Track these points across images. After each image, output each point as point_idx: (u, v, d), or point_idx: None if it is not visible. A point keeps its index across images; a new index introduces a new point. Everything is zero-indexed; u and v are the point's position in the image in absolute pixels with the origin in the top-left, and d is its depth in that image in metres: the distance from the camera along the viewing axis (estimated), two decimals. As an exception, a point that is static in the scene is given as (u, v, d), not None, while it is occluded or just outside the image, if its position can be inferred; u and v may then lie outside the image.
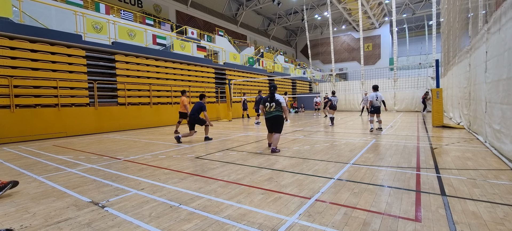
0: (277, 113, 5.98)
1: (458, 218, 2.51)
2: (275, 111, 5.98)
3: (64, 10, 11.35)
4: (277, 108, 5.98)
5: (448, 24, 14.49)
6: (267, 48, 36.00)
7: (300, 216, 2.60)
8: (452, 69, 13.37)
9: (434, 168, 4.31)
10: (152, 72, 13.46)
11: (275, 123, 5.99)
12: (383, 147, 6.25)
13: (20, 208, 2.99)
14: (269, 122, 6.08)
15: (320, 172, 4.18)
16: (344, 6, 31.34)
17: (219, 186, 3.61)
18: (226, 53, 20.13)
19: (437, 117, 10.03)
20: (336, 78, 31.04)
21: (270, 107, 6.02)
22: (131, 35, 13.04)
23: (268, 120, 6.09)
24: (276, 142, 5.91)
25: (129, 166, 4.93)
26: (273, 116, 5.99)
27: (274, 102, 5.96)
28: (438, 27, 25.61)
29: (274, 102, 5.96)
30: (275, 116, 5.98)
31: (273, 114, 5.99)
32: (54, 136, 9.54)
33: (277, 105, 5.96)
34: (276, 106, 5.96)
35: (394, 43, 22.61)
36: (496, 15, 5.12)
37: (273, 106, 5.98)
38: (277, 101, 5.95)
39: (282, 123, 6.03)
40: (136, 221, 2.58)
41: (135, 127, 12.24)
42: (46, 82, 9.55)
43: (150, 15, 21.75)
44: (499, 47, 4.95)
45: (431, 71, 19.24)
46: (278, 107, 5.97)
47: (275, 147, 5.89)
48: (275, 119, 5.98)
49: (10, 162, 5.50)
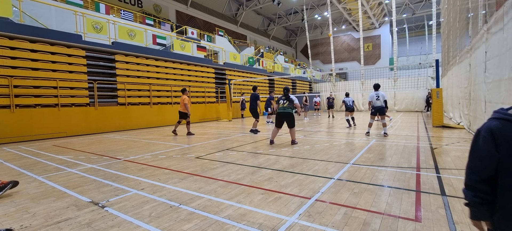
0: (289, 110, 6.89)
1: (458, 218, 2.51)
2: (288, 108, 6.88)
3: (64, 10, 11.35)
4: (289, 106, 6.90)
5: (448, 24, 14.49)
6: (267, 48, 35.99)
7: (300, 216, 2.60)
8: (452, 69, 13.37)
9: (434, 168, 4.31)
10: (152, 72, 13.46)
11: (288, 118, 6.87)
12: (383, 147, 6.25)
13: (20, 208, 2.99)
14: (282, 117, 6.90)
15: (320, 172, 4.18)
16: (344, 6, 31.34)
17: (219, 186, 3.61)
18: (226, 53, 20.13)
19: (437, 116, 10.03)
20: (336, 78, 31.04)
21: (283, 104, 6.91)
22: (131, 35, 13.04)
23: (281, 114, 6.89)
24: (294, 135, 6.88)
25: (129, 166, 4.93)
26: (287, 112, 6.86)
27: (288, 100, 6.90)
28: (438, 27, 25.60)
29: (288, 101, 6.89)
30: (288, 113, 6.86)
31: (287, 110, 6.86)
32: (54, 136, 9.54)
33: (290, 103, 6.90)
34: (289, 104, 6.89)
35: (394, 43, 22.61)
36: (498, 15, 5.12)
37: (286, 104, 6.89)
38: (291, 100, 6.91)
39: (293, 118, 6.93)
40: (136, 221, 2.58)
41: (135, 127, 12.24)
42: (46, 82, 9.54)
43: (150, 15, 21.74)
44: (501, 47, 4.95)
45: (431, 71, 19.24)
46: (290, 105, 6.91)
47: (294, 139, 6.85)
48: (288, 115, 6.87)
49: (10, 162, 5.50)
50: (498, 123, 1.08)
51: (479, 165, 1.15)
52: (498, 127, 1.07)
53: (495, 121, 1.10)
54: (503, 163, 1.07)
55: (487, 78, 5.94)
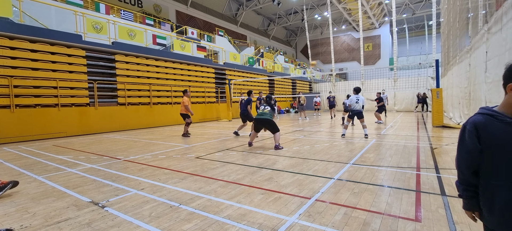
0: (269, 116, 6.55)
1: (458, 218, 2.51)
2: (268, 114, 6.59)
3: (64, 10, 11.34)
4: (270, 112, 6.67)
5: (448, 24, 14.50)
6: (267, 48, 35.98)
7: (300, 216, 2.60)
8: (452, 69, 13.37)
9: (434, 168, 4.31)
10: (152, 72, 13.46)
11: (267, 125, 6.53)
12: (383, 147, 6.25)
13: (20, 208, 2.99)
14: (260, 123, 6.58)
15: (320, 172, 4.18)
16: (344, 6, 31.33)
17: (219, 186, 3.61)
18: (226, 53, 20.13)
19: (437, 116, 10.03)
20: (336, 78, 31.03)
21: (263, 109, 6.72)
22: (131, 35, 13.04)
23: (259, 121, 6.56)
24: (278, 139, 6.41)
25: (129, 166, 4.93)
26: (266, 119, 6.50)
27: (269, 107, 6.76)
28: (438, 27, 25.61)
29: (269, 107, 6.75)
30: (267, 119, 6.50)
31: (265, 116, 6.53)
32: (54, 136, 9.54)
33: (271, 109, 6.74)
34: (270, 111, 6.69)
35: (394, 43, 22.61)
36: (497, 15, 5.12)
37: (267, 109, 6.69)
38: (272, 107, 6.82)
39: (274, 123, 6.55)
40: (136, 221, 2.58)
41: (135, 127, 12.24)
42: (46, 82, 9.54)
43: (150, 15, 21.73)
44: (500, 47, 4.95)
45: (431, 71, 19.24)
46: (271, 111, 6.70)
47: (278, 144, 6.34)
48: (267, 122, 6.51)
49: (10, 162, 5.50)
50: (481, 117, 1.18)
51: (467, 158, 1.23)
52: (481, 121, 1.17)
53: (480, 116, 1.19)
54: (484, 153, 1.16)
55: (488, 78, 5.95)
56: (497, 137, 1.13)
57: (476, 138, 1.17)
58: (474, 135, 1.18)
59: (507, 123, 1.11)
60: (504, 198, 1.11)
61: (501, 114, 1.13)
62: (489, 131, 1.14)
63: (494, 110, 1.17)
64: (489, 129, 1.14)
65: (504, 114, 1.14)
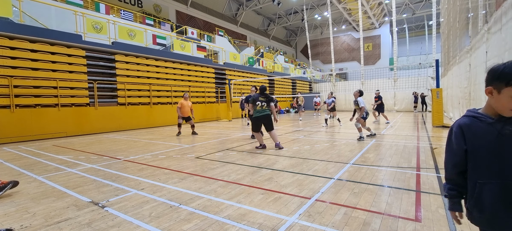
0: (268, 112, 6.31)
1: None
2: (267, 109, 6.31)
3: (64, 10, 11.34)
4: (268, 107, 6.34)
5: (448, 24, 14.49)
6: (267, 48, 35.98)
7: (300, 216, 2.60)
8: (452, 69, 13.37)
9: (434, 168, 4.31)
10: (152, 72, 13.46)
11: (266, 120, 6.26)
12: (383, 147, 6.25)
13: (20, 208, 2.99)
14: (260, 120, 6.29)
15: (320, 172, 4.18)
16: (344, 6, 31.33)
17: (219, 186, 3.61)
18: (226, 53, 20.13)
19: (437, 116, 10.03)
20: (336, 78, 31.04)
21: (262, 106, 6.31)
22: (131, 35, 13.04)
23: (259, 118, 6.28)
24: (276, 137, 6.27)
25: (129, 166, 4.93)
26: (266, 115, 6.27)
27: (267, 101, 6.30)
28: (438, 27, 25.59)
29: (266, 102, 6.29)
30: (267, 115, 6.27)
31: (266, 112, 6.27)
32: (54, 136, 9.54)
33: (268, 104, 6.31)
34: (268, 106, 6.33)
35: (394, 43, 22.61)
36: (497, 15, 5.13)
37: (265, 105, 6.31)
38: (271, 100, 6.33)
39: (271, 120, 6.35)
40: (136, 221, 2.58)
41: (135, 127, 12.24)
42: (46, 82, 9.54)
43: (150, 15, 21.73)
44: (500, 47, 4.95)
45: (431, 71, 19.22)
46: (268, 106, 6.34)
47: (278, 142, 6.21)
48: (267, 117, 6.26)
49: (10, 162, 5.50)
50: (467, 119, 1.24)
51: (453, 158, 1.28)
52: (466, 123, 1.23)
53: (465, 117, 1.25)
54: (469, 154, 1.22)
55: (487, 78, 5.94)
56: (480, 137, 1.19)
57: (462, 139, 1.23)
58: (460, 135, 1.24)
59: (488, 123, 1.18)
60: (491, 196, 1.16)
61: (484, 115, 1.20)
62: (473, 132, 1.20)
63: (478, 112, 1.23)
64: (472, 129, 1.20)
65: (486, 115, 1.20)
